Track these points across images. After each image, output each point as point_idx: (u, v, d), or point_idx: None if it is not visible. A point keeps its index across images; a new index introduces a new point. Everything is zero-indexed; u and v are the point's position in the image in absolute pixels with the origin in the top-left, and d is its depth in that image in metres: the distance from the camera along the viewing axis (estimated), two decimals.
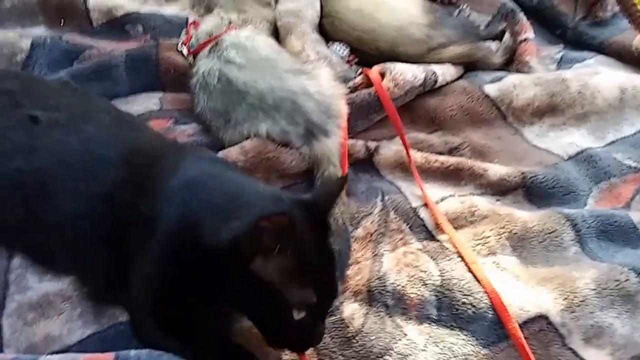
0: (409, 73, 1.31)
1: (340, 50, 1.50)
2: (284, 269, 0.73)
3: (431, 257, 1.03)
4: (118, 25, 1.57)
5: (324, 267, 0.79)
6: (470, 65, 1.46)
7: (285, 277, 0.74)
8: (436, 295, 0.97)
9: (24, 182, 0.88)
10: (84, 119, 0.96)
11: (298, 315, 0.76)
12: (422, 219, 1.11)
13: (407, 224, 1.10)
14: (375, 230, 1.09)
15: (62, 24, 1.57)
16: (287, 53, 1.34)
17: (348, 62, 1.49)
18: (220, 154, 1.15)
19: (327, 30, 1.55)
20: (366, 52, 1.49)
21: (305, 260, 0.75)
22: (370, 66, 1.40)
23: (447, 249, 1.05)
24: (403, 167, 1.21)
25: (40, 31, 1.55)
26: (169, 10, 1.65)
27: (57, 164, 0.88)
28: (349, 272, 1.02)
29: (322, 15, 1.56)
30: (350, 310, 0.96)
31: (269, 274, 0.73)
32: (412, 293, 0.97)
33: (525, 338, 0.90)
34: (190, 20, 1.54)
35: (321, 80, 1.23)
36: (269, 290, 0.74)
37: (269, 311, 0.77)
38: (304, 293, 0.76)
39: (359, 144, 1.24)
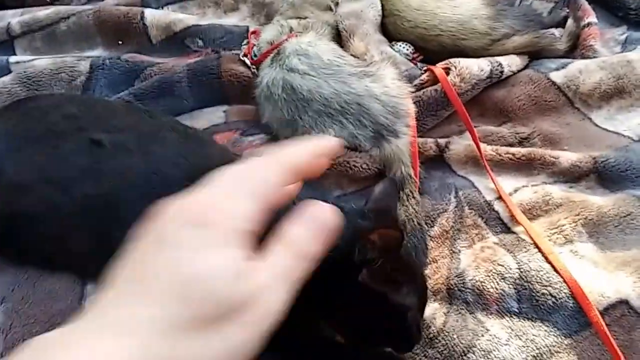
0: (474, 66, 1.31)
1: (404, 48, 1.51)
2: (386, 276, 0.75)
3: (508, 250, 1.03)
4: (178, 40, 1.58)
5: (412, 266, 0.83)
6: (535, 54, 1.45)
7: (388, 283, 0.76)
8: (515, 288, 0.97)
9: (92, 208, 0.85)
10: (150, 139, 0.95)
11: None
12: (497, 212, 1.11)
13: (483, 218, 1.10)
14: (451, 227, 1.09)
15: (120, 44, 1.60)
16: (350, 56, 1.34)
17: (413, 60, 1.50)
18: None
19: (390, 30, 1.57)
20: (430, 49, 1.50)
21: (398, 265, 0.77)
22: (434, 63, 1.41)
23: (523, 240, 1.04)
24: (475, 162, 1.21)
25: (98, 52, 1.58)
26: (229, 21, 1.67)
27: (125, 188, 0.86)
28: (427, 271, 1.03)
29: (384, 15, 1.57)
30: (431, 310, 0.97)
31: (374, 282, 0.74)
32: (491, 288, 0.97)
33: (607, 325, 0.89)
34: (251, 29, 1.55)
35: (386, 81, 1.24)
36: (378, 296, 0.75)
37: (379, 319, 0.78)
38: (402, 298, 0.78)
39: (429, 142, 1.24)
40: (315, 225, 0.44)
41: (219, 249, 0.39)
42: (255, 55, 1.42)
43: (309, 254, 0.42)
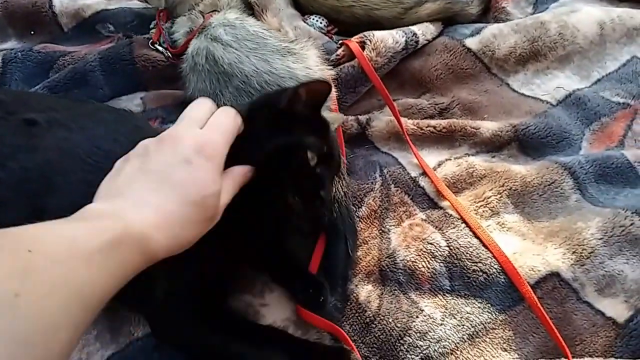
0: (389, 39, 1.28)
1: (317, 22, 1.46)
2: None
3: (436, 227, 1.02)
4: (88, 26, 1.51)
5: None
6: (448, 21, 1.43)
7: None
8: (447, 266, 0.96)
9: (29, 178, 0.84)
10: (87, 118, 0.95)
11: None
12: (422, 188, 1.10)
13: (409, 195, 1.09)
14: (379, 206, 1.07)
15: (33, 34, 1.53)
16: (277, 32, 1.27)
17: (327, 33, 1.45)
18: None
19: (301, 3, 1.51)
20: (343, 21, 1.46)
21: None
22: (349, 35, 1.37)
23: (451, 215, 1.04)
24: (397, 137, 1.19)
25: (11, 44, 1.51)
26: (137, 2, 1.58)
27: (64, 159, 0.86)
28: (358, 253, 1.01)
29: None
30: (365, 293, 0.95)
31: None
32: (422, 267, 0.97)
33: (540, 298, 0.90)
34: (159, 8, 1.43)
35: (309, 62, 1.18)
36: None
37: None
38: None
39: (350, 120, 1.22)
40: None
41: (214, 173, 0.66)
42: (173, 43, 1.33)
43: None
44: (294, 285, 0.94)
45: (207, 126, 0.72)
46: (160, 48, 1.35)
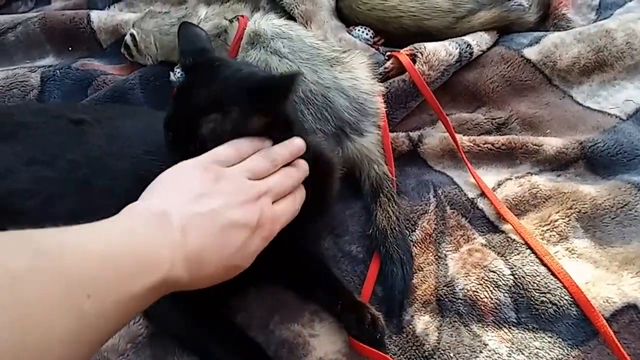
0: (441, 51, 1.22)
1: (363, 33, 1.41)
2: None
3: (498, 254, 0.95)
4: None
5: None
6: (503, 29, 1.36)
7: None
8: (512, 297, 0.89)
9: (78, 166, 0.91)
10: (128, 115, 1.05)
11: None
12: (481, 210, 1.03)
13: (466, 218, 1.02)
14: (434, 230, 1.01)
15: (71, 50, 1.52)
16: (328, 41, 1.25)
17: (374, 45, 1.40)
18: None
19: (345, 14, 1.47)
20: (391, 32, 1.40)
21: None
22: (397, 46, 1.32)
23: (514, 240, 0.97)
24: (452, 155, 1.13)
25: (49, 61, 1.50)
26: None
27: (111, 143, 0.94)
28: (414, 280, 0.95)
29: None
30: (423, 324, 0.89)
31: None
32: (485, 297, 0.90)
33: (616, 332, 0.82)
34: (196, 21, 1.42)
35: (356, 73, 1.14)
36: None
37: None
38: None
39: (400, 137, 1.16)
40: None
41: None
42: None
43: None
44: (345, 317, 0.88)
45: (281, 208, 0.72)
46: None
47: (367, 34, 1.41)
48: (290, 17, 1.37)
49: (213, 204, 0.63)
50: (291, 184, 0.74)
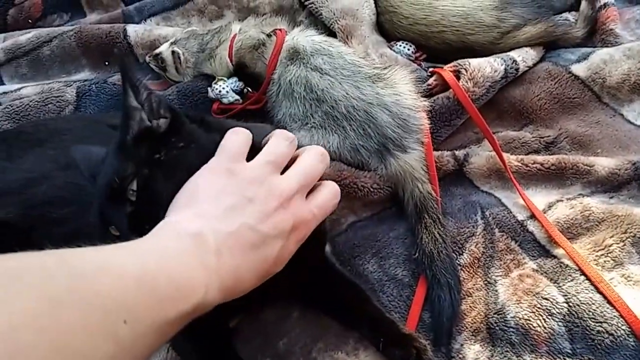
0: (487, 68, 1.19)
1: (405, 48, 1.39)
2: None
3: (551, 280, 0.91)
4: None
5: None
6: (549, 44, 1.32)
7: None
8: (566, 326, 0.85)
9: None
10: None
11: None
12: (531, 233, 1.00)
13: (516, 242, 0.99)
14: (483, 254, 0.98)
15: (107, 64, 1.53)
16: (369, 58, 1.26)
17: (415, 60, 1.37)
18: None
19: (386, 28, 1.45)
20: (433, 47, 1.38)
21: None
22: (439, 61, 1.30)
23: (567, 266, 0.93)
24: (499, 174, 1.10)
25: (85, 75, 1.51)
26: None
27: None
28: (462, 307, 0.92)
29: (379, 13, 1.45)
30: (473, 354, 0.86)
31: None
32: (538, 326, 0.86)
33: None
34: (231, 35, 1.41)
35: (399, 88, 1.13)
36: None
37: None
38: None
39: (445, 155, 1.13)
40: None
41: None
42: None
43: None
44: (389, 352, 0.85)
45: (314, 205, 0.70)
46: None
47: (408, 49, 1.39)
48: (330, 33, 1.36)
49: (245, 218, 0.62)
50: (322, 168, 0.72)
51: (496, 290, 0.92)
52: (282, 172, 0.69)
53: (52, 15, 1.68)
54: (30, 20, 1.67)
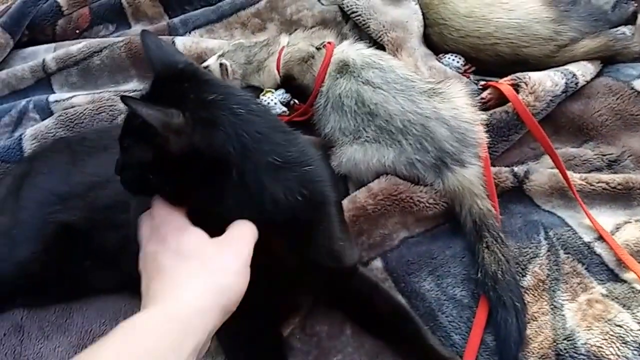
0: (547, 81, 1.14)
1: (454, 61, 1.35)
2: None
3: (623, 305, 0.86)
4: None
5: None
6: (607, 59, 1.26)
7: None
8: None
9: None
10: None
11: None
12: (599, 256, 0.94)
13: (583, 264, 0.94)
14: (547, 276, 0.93)
15: None
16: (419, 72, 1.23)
17: (464, 73, 1.32)
18: (346, 200, 1.04)
19: (435, 41, 1.40)
20: (484, 60, 1.32)
21: None
22: (488, 74, 1.26)
23: (639, 292, 0.86)
24: (561, 193, 1.04)
25: (133, 85, 1.49)
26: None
27: None
28: (527, 331, 0.87)
29: (427, 25, 1.40)
30: None
31: None
32: (611, 354, 0.81)
33: None
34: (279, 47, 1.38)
35: (456, 102, 1.09)
36: None
37: None
38: None
39: (504, 172, 1.08)
40: None
41: None
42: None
43: None
44: None
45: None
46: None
47: (457, 62, 1.34)
48: (376, 44, 1.32)
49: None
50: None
51: (563, 315, 0.87)
52: None
53: (99, 26, 1.67)
54: (77, 31, 1.65)
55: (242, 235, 0.66)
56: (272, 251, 0.69)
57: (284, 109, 1.32)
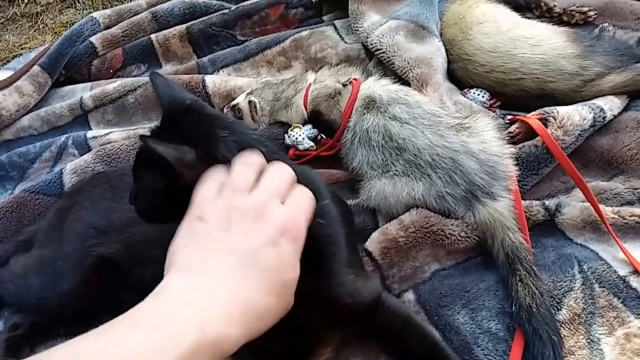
0: (575, 116, 1.12)
1: (479, 95, 1.33)
2: None
3: None
4: None
5: None
6: (634, 93, 1.23)
7: None
8: None
9: None
10: None
11: None
12: (635, 290, 0.91)
13: (619, 298, 0.91)
14: (583, 310, 0.90)
15: None
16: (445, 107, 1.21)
17: (490, 107, 1.31)
18: (377, 232, 1.04)
19: (459, 76, 1.39)
20: (509, 95, 1.31)
21: None
22: (513, 108, 1.24)
23: None
24: (594, 226, 1.01)
25: None
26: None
27: None
28: None
29: (450, 61, 1.39)
30: None
31: None
32: None
33: None
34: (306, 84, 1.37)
35: (485, 136, 1.07)
36: None
37: None
38: None
39: (535, 205, 1.05)
40: None
41: None
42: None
43: None
44: None
45: (290, 204, 0.67)
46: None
47: (483, 97, 1.32)
48: (403, 81, 1.31)
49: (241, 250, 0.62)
50: (289, 176, 0.70)
51: (601, 350, 0.84)
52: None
53: (131, 65, 1.69)
54: (111, 70, 1.67)
55: None
56: None
57: (312, 143, 1.31)
